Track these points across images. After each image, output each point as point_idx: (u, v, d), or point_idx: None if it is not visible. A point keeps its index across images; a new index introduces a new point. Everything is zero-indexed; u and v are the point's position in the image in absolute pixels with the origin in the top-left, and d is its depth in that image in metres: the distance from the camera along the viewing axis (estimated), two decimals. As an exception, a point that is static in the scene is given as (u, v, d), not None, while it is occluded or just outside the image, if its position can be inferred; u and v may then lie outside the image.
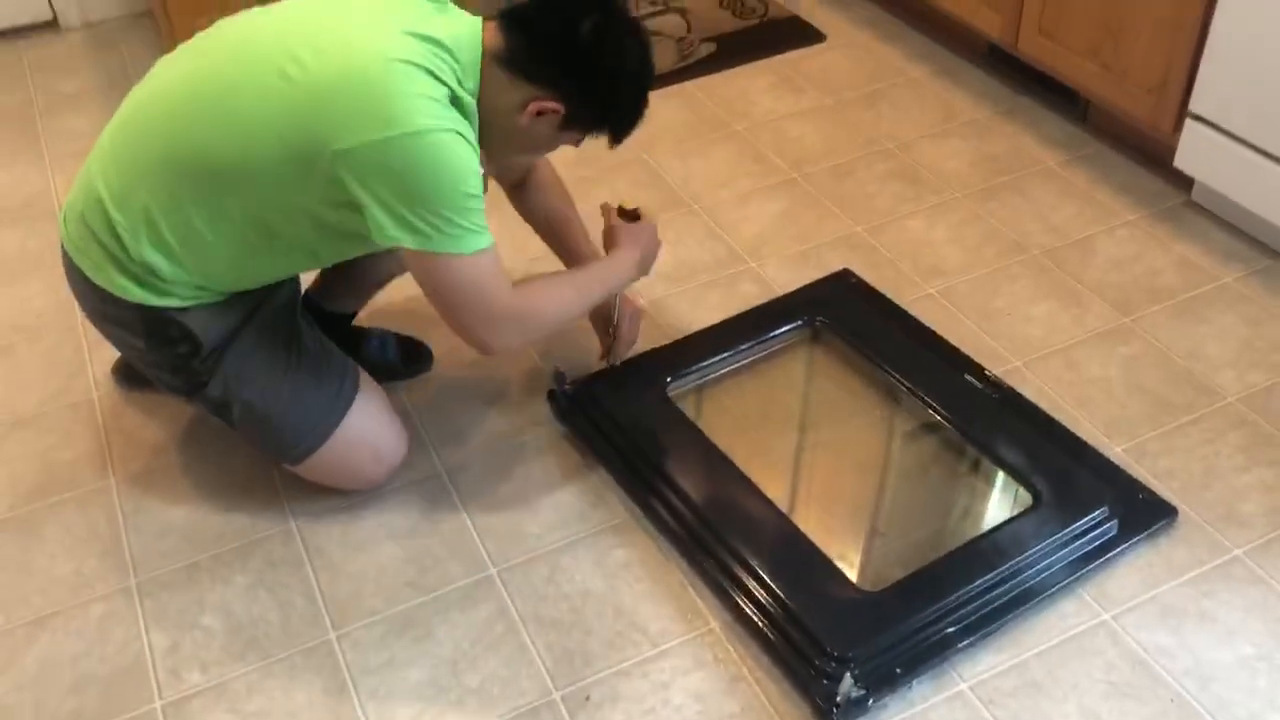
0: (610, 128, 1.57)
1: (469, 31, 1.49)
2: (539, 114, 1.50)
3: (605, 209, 1.80)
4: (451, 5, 1.56)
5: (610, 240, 1.75)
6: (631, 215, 1.76)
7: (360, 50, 1.42)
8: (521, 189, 1.87)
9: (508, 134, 1.53)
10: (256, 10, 1.56)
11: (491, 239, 1.48)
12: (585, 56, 1.48)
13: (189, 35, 1.62)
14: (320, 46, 1.44)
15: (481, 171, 1.46)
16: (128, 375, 1.95)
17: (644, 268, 1.76)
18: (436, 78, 1.42)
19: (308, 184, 1.45)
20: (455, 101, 1.45)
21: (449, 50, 1.45)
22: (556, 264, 1.89)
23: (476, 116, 1.49)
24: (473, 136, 1.46)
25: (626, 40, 1.52)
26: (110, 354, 1.98)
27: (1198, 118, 2.12)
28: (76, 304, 1.70)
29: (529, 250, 1.98)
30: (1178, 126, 2.18)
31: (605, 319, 1.87)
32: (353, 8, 1.53)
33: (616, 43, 1.50)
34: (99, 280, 1.58)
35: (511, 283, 1.54)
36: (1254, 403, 1.84)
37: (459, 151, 1.42)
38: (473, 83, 1.48)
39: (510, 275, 1.54)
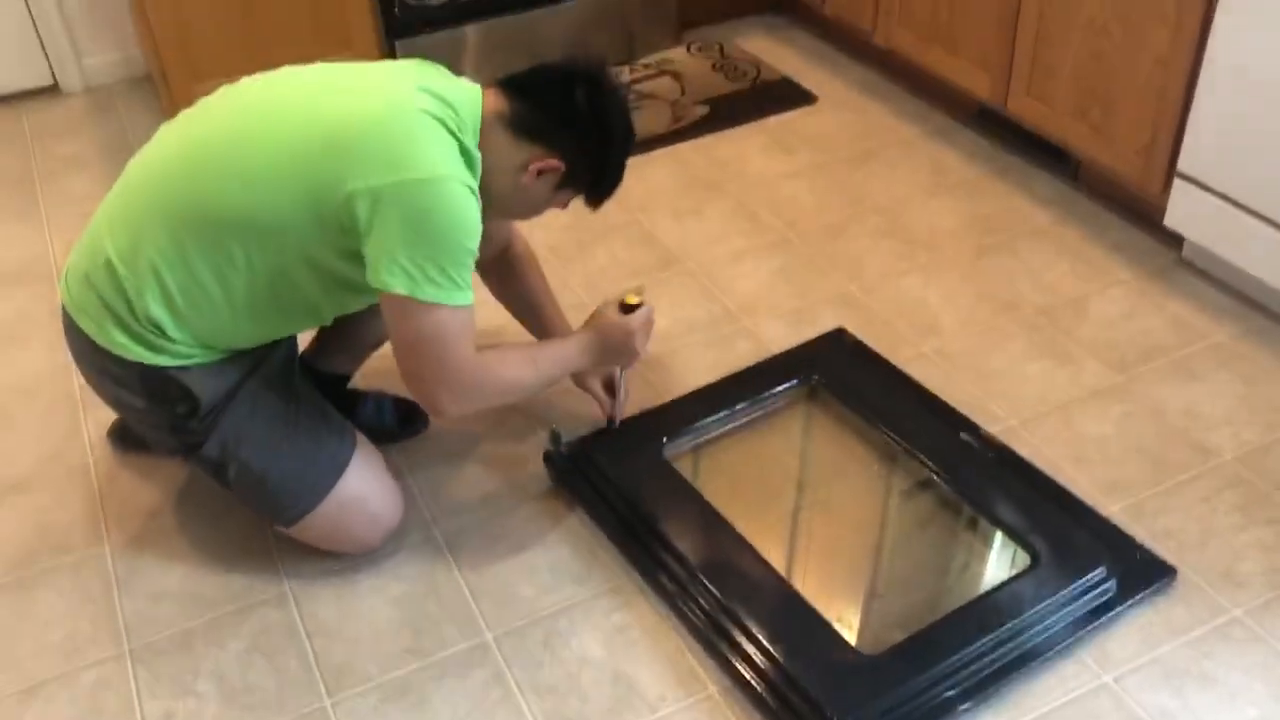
0: (600, 187, 1.65)
1: (469, 94, 1.56)
2: (540, 173, 1.57)
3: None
4: (454, 76, 1.61)
5: (587, 320, 1.77)
6: (632, 308, 1.75)
7: (379, 99, 1.48)
8: (497, 265, 1.89)
9: (506, 193, 1.58)
10: (262, 75, 1.60)
11: (472, 299, 1.51)
12: (584, 119, 1.57)
13: (188, 100, 1.65)
14: (336, 98, 1.50)
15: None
16: (123, 438, 1.95)
17: (601, 359, 1.75)
18: (450, 130, 1.48)
19: (317, 228, 1.47)
20: (465, 155, 1.50)
21: (455, 108, 1.51)
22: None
23: (480, 172, 1.52)
24: (478, 194, 1.50)
25: (615, 105, 1.61)
26: (106, 416, 1.98)
27: (1186, 177, 2.15)
28: (73, 366, 1.71)
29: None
30: (1166, 186, 2.21)
31: (606, 385, 1.88)
32: (363, 68, 1.60)
33: (607, 107, 1.59)
34: (100, 340, 1.58)
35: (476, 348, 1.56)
36: (1250, 461, 1.84)
37: (469, 205, 1.47)
38: (474, 141, 1.53)
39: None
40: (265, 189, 1.47)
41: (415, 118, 1.46)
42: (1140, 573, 1.65)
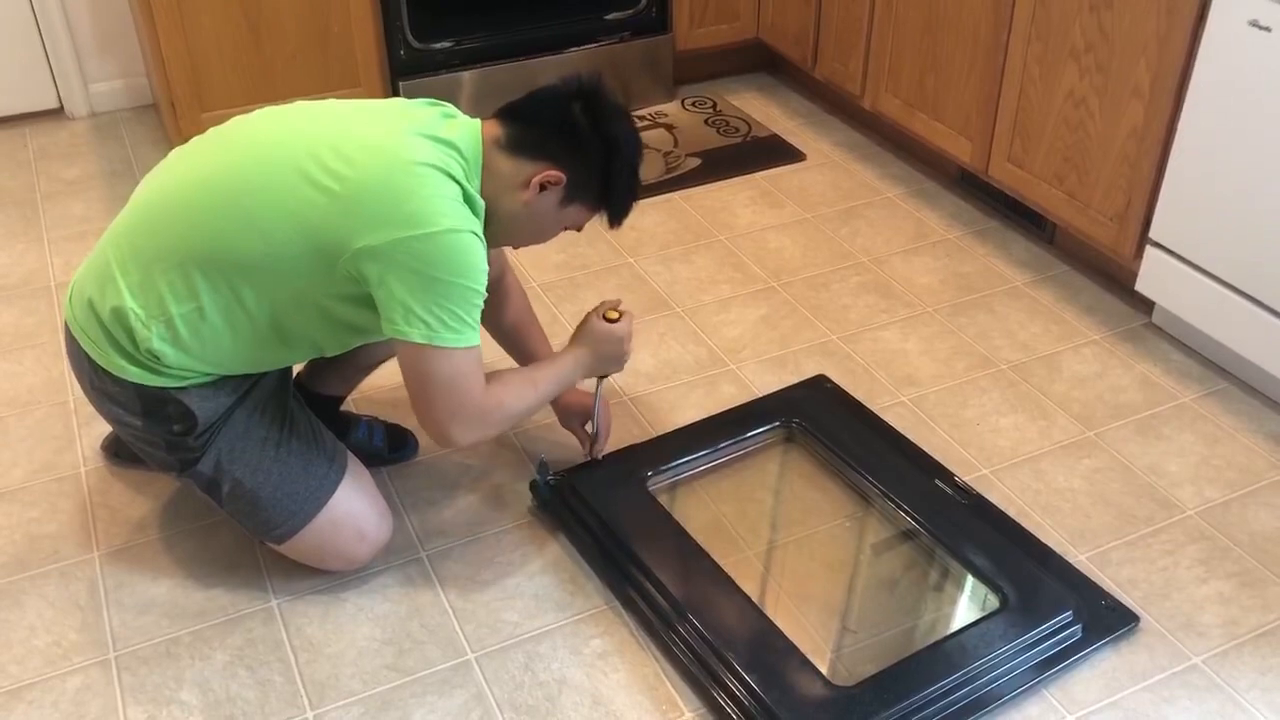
0: (609, 199, 1.65)
1: (470, 131, 1.59)
2: (542, 188, 1.59)
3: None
4: (456, 113, 1.65)
5: (575, 333, 1.82)
6: (614, 321, 1.80)
7: (382, 154, 1.51)
8: (491, 297, 1.93)
9: (511, 217, 1.61)
10: (271, 110, 1.64)
11: (479, 337, 1.55)
12: (582, 130, 1.59)
13: (194, 129, 1.69)
14: (341, 150, 1.52)
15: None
16: (117, 451, 1.98)
17: (596, 368, 1.81)
18: (451, 177, 1.52)
19: (326, 278, 1.52)
20: (467, 199, 1.54)
21: (458, 150, 1.55)
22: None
23: (484, 212, 1.57)
24: (482, 235, 1.54)
25: (615, 116, 1.62)
26: (99, 430, 2.02)
27: (1158, 245, 2.24)
28: (69, 380, 1.74)
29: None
30: (1139, 252, 2.30)
31: (580, 418, 1.93)
32: (367, 111, 1.62)
33: (605, 115, 1.61)
34: (100, 360, 1.62)
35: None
36: (1212, 517, 1.91)
37: (476, 250, 1.51)
38: (478, 179, 1.57)
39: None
40: (276, 239, 1.51)
41: (417, 171, 1.49)
42: (1105, 619, 1.71)
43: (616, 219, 1.68)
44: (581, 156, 1.60)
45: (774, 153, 3.06)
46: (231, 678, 1.63)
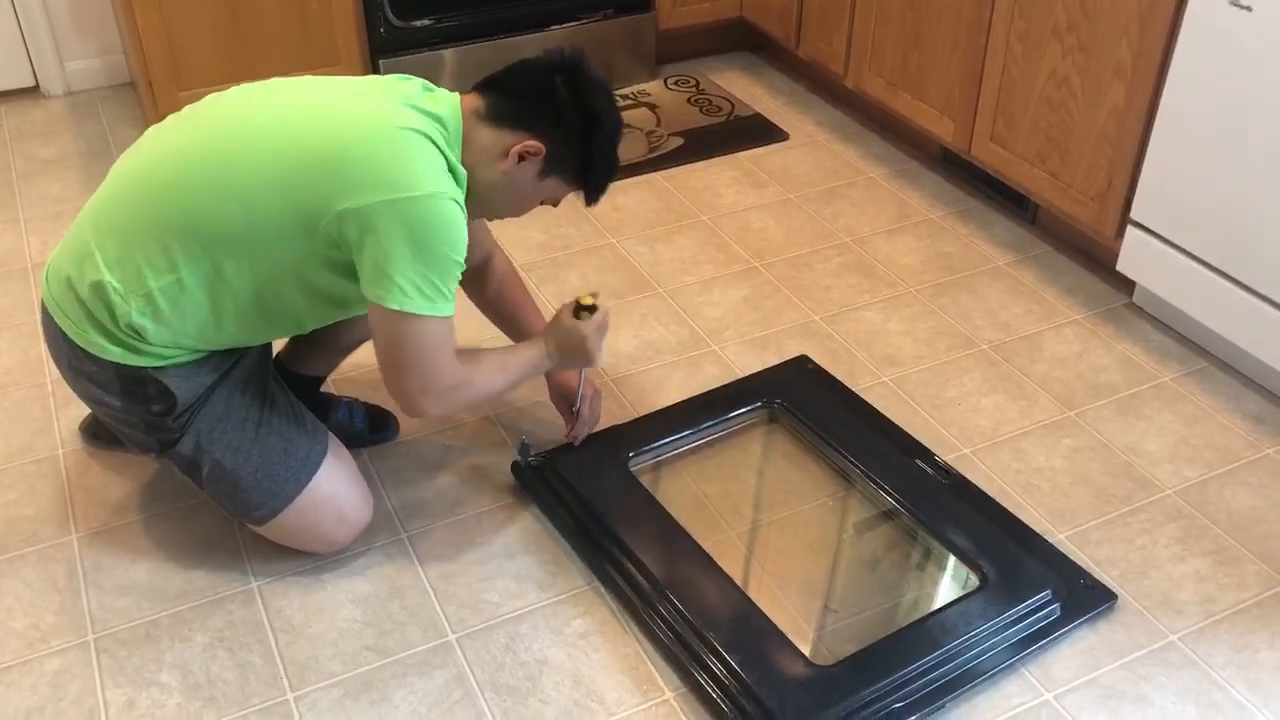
0: (587, 174, 1.65)
1: (451, 103, 1.59)
2: (521, 158, 1.58)
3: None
4: (435, 87, 1.64)
5: (546, 326, 1.80)
6: (589, 311, 1.78)
7: (367, 119, 1.51)
8: (478, 279, 1.93)
9: (489, 187, 1.60)
10: (248, 86, 1.63)
11: (454, 309, 1.55)
12: (564, 103, 1.58)
13: (172, 108, 1.67)
14: (324, 117, 1.52)
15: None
16: (95, 433, 1.97)
17: (562, 362, 1.79)
18: (437, 147, 1.51)
19: (307, 243, 1.51)
20: (451, 170, 1.53)
21: (440, 121, 1.54)
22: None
23: (466, 185, 1.56)
24: (464, 206, 1.54)
25: (596, 88, 1.61)
26: (77, 412, 2.00)
27: (1139, 225, 2.24)
28: (47, 361, 1.73)
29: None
30: (1120, 233, 2.30)
31: (568, 400, 1.92)
32: (347, 85, 1.62)
33: (588, 89, 1.60)
34: (78, 339, 1.60)
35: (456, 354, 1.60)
36: (1189, 496, 1.92)
37: (457, 220, 1.50)
38: (459, 150, 1.57)
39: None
40: (257, 207, 1.50)
41: (402, 136, 1.49)
42: (1083, 597, 1.72)
43: (594, 195, 1.68)
44: (562, 129, 1.59)
45: (757, 132, 3.05)
46: (211, 660, 1.62)
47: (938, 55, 2.65)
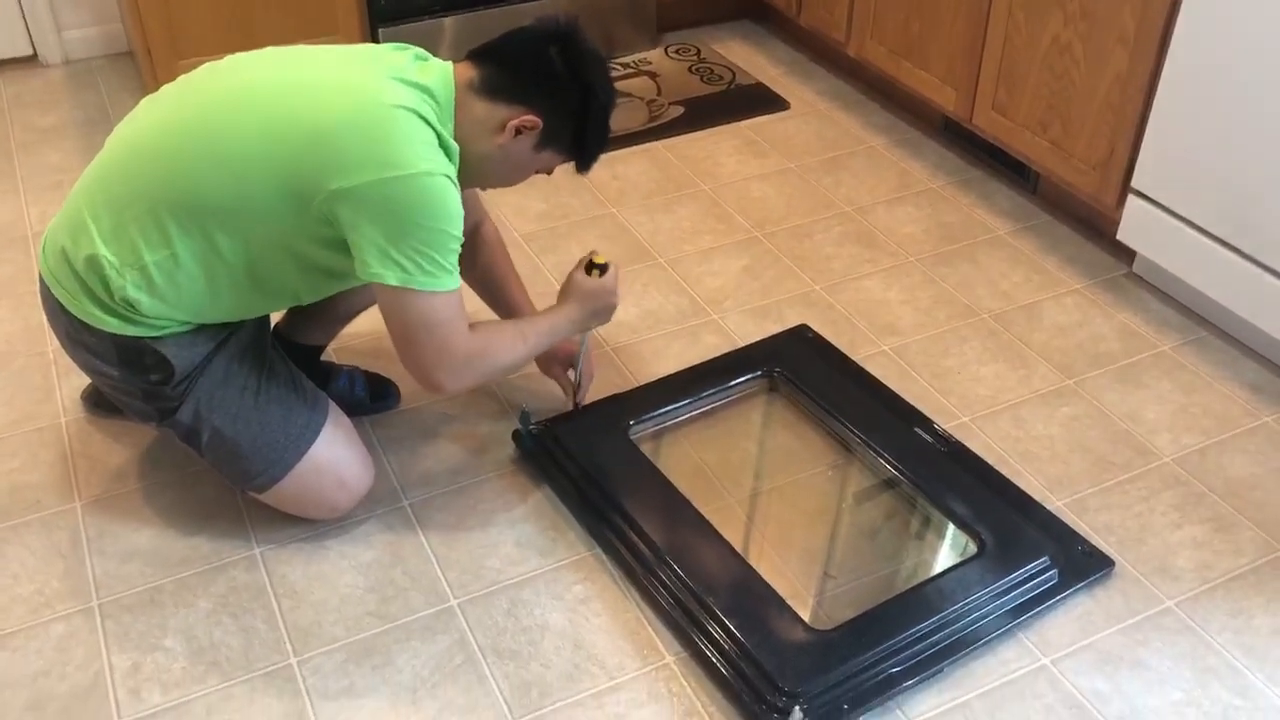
0: (582, 145, 1.64)
1: (443, 75, 1.58)
2: (518, 131, 1.58)
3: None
4: (429, 56, 1.63)
5: (564, 290, 1.81)
6: (600, 269, 1.80)
7: (356, 96, 1.49)
8: (468, 247, 1.92)
9: (484, 160, 1.60)
10: (241, 56, 1.62)
11: (459, 281, 1.55)
12: (560, 75, 1.58)
13: (170, 77, 1.66)
14: (314, 93, 1.51)
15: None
16: (97, 401, 1.98)
17: (586, 323, 1.80)
18: (427, 122, 1.50)
19: (300, 221, 1.51)
20: (442, 144, 1.52)
21: (431, 94, 1.53)
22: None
23: (458, 157, 1.56)
24: (456, 180, 1.53)
25: (592, 61, 1.61)
26: (79, 380, 2.01)
27: (1140, 194, 2.24)
28: (48, 330, 1.73)
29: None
30: (1121, 202, 2.30)
31: (565, 364, 1.93)
32: (338, 55, 1.60)
33: (583, 61, 1.59)
34: (75, 311, 1.61)
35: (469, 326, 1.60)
36: (1187, 464, 1.93)
37: (451, 195, 1.50)
38: (451, 123, 1.56)
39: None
40: (249, 182, 1.50)
41: (392, 114, 1.48)
42: (1081, 564, 1.73)
43: (586, 165, 1.68)
44: (559, 102, 1.58)
45: (758, 101, 3.04)
46: (215, 625, 1.63)
47: (940, 23, 2.64)
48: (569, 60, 1.58)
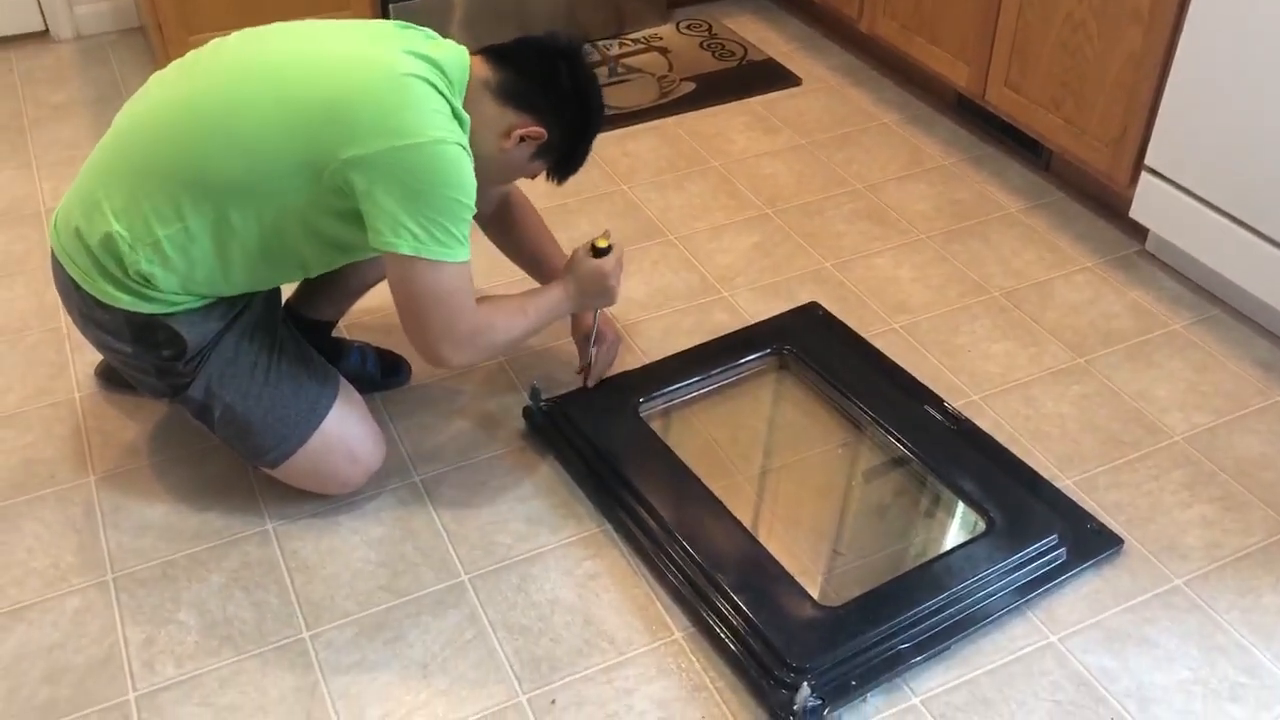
0: (570, 161, 1.72)
1: (457, 56, 1.59)
2: (522, 139, 1.62)
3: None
4: (438, 36, 1.65)
5: (565, 267, 1.82)
6: (603, 252, 1.80)
7: (369, 66, 1.51)
8: (499, 220, 1.94)
9: (486, 156, 1.62)
10: (250, 31, 1.62)
11: (470, 253, 1.55)
12: (566, 93, 1.63)
13: (181, 52, 1.67)
14: (326, 63, 1.52)
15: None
16: (110, 377, 1.99)
17: (582, 303, 1.82)
18: (440, 92, 1.51)
19: (313, 192, 1.51)
20: (454, 114, 1.53)
21: (442, 69, 1.54)
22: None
23: (469, 131, 1.56)
24: (469, 149, 1.54)
25: (592, 80, 1.68)
26: (93, 356, 2.02)
27: (1153, 171, 2.22)
28: (62, 306, 1.74)
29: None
30: (1134, 179, 2.28)
31: (587, 338, 1.93)
32: (352, 30, 1.61)
33: (588, 84, 1.66)
34: (87, 287, 1.61)
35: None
36: (1198, 442, 1.93)
37: (464, 164, 1.51)
38: (460, 101, 1.57)
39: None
40: (262, 155, 1.50)
41: (404, 82, 1.49)
42: (1090, 542, 1.73)
43: (564, 179, 1.74)
44: (563, 118, 1.64)
45: (769, 77, 3.02)
46: (228, 599, 1.65)
47: (953, -1, 2.62)
48: (575, 79, 1.63)
